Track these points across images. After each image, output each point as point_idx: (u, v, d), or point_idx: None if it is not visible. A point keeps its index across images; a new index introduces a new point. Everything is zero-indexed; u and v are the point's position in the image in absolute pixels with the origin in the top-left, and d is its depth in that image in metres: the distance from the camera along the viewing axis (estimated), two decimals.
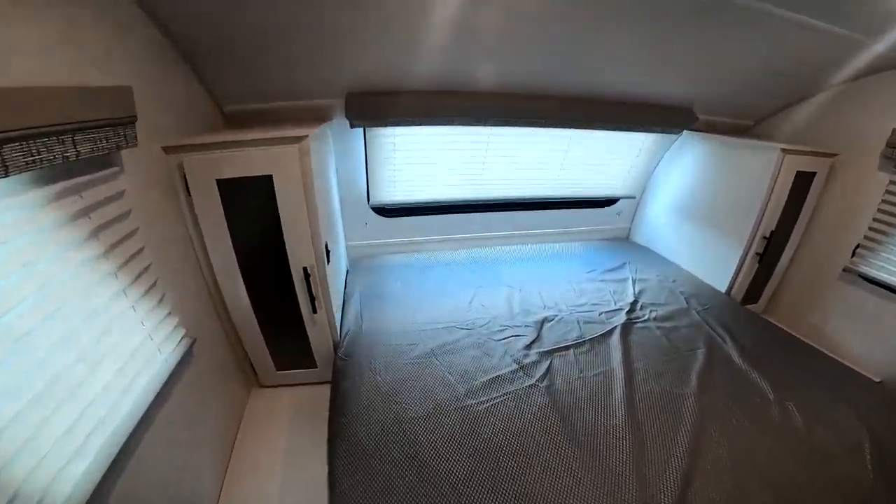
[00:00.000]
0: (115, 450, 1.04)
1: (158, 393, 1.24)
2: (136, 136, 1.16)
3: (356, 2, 1.49)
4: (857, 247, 2.33)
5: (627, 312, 2.33)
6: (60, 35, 1.01)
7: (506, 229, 3.09)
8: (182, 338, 1.43)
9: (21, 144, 0.78)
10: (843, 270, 2.41)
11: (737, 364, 1.97)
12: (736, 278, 2.59)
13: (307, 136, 1.54)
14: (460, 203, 2.84)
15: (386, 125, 2.25)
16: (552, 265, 2.86)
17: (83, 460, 0.96)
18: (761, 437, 1.57)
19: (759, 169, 2.34)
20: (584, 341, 2.09)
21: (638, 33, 1.82)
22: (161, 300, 1.33)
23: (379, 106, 2.12)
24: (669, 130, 2.65)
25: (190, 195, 1.51)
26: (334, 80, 2.01)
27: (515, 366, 1.89)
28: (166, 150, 1.44)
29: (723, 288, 2.64)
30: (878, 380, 2.14)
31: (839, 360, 2.10)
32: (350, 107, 2.09)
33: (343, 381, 1.78)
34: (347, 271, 2.69)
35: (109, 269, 1.11)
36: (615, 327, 2.19)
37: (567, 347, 2.04)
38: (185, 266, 1.59)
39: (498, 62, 2.02)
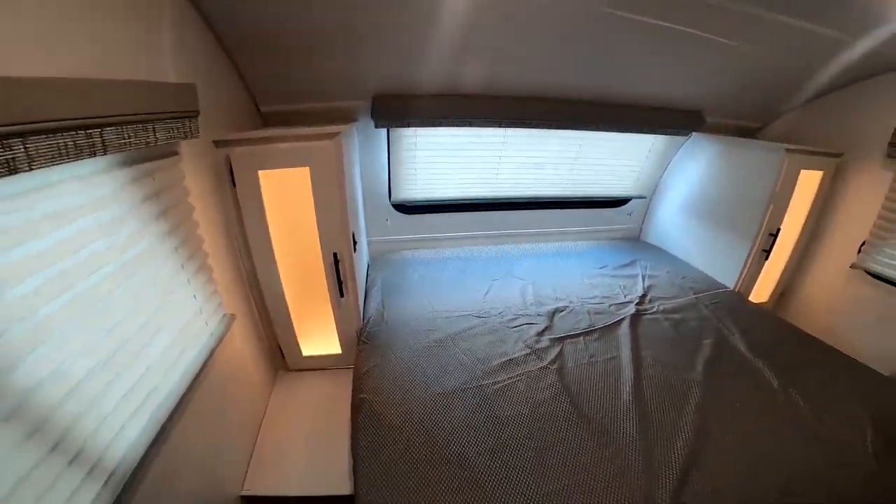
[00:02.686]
0: (164, 418, 1.13)
1: (201, 367, 1.33)
2: (198, 129, 1.31)
3: (380, 9, 1.65)
4: (863, 244, 2.41)
5: (637, 304, 2.43)
6: (142, 35, 1.18)
7: (520, 227, 3.22)
8: (224, 315, 1.58)
9: (117, 129, 0.94)
10: (851, 267, 2.48)
11: (743, 354, 2.05)
12: (744, 275, 2.67)
13: (339, 132, 1.70)
14: (477, 201, 2.98)
15: (408, 126, 2.40)
16: (565, 261, 2.97)
17: (137, 424, 1.06)
18: (765, 421, 1.64)
19: (765, 169, 2.44)
20: (594, 330, 2.20)
21: (647, 38, 1.94)
22: (209, 278, 1.48)
23: (402, 108, 2.28)
24: (678, 132, 2.75)
25: (234, 185, 1.67)
26: (361, 83, 2.17)
27: (528, 350, 2.01)
28: (216, 143, 1.60)
29: (732, 284, 2.72)
30: (886, 374, 2.19)
31: (846, 354, 2.15)
32: (375, 108, 2.24)
33: (365, 361, 1.91)
34: (368, 265, 2.83)
35: (172, 244, 1.26)
36: (624, 318, 2.29)
37: (577, 335, 2.15)
38: (228, 249, 1.74)
39: (515, 67, 2.16)
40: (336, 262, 1.88)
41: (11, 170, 0.71)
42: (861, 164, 2.44)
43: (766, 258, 2.59)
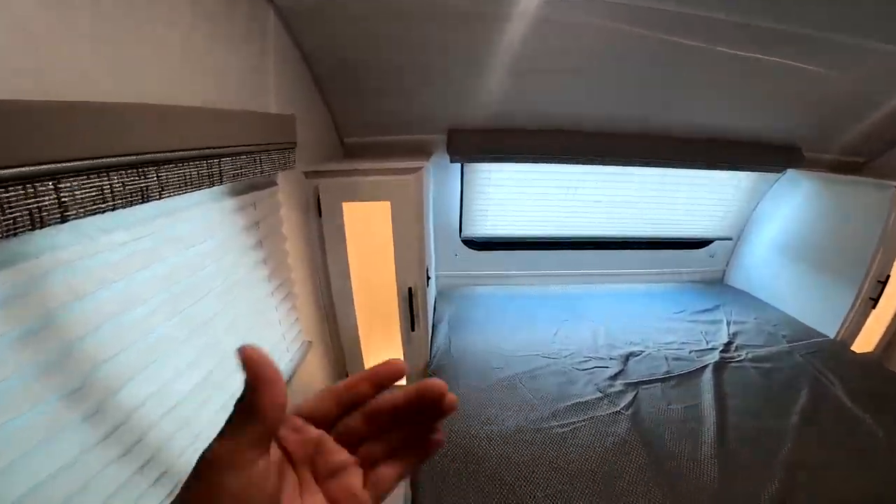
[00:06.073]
0: None
1: None
2: (295, 160, 1.40)
3: (458, 46, 1.72)
4: None
5: (721, 352, 2.26)
6: (253, 64, 1.27)
7: (592, 267, 3.13)
8: (303, 342, 1.67)
9: (232, 159, 1.04)
10: None
11: (844, 405, 1.85)
12: (847, 324, 2.41)
13: (421, 167, 1.78)
14: (547, 239, 2.95)
15: (483, 161, 2.45)
16: (639, 304, 2.84)
17: None
18: (866, 475, 1.49)
19: (872, 208, 2.24)
20: (672, 376, 2.06)
21: (735, 70, 1.89)
22: (293, 305, 1.58)
23: (478, 143, 2.32)
24: (770, 169, 2.60)
25: (320, 215, 1.78)
26: (437, 117, 2.25)
27: (599, 394, 1.92)
28: (306, 174, 1.72)
29: (831, 333, 2.46)
30: None
31: None
32: (451, 143, 2.31)
33: None
34: (436, 299, 2.87)
35: (265, 273, 1.37)
36: (707, 365, 2.14)
37: (654, 381, 2.03)
38: (308, 278, 1.85)
39: (595, 102, 2.17)
40: (410, 296, 1.93)
41: (144, 198, 0.80)
42: None
43: (874, 306, 2.33)
